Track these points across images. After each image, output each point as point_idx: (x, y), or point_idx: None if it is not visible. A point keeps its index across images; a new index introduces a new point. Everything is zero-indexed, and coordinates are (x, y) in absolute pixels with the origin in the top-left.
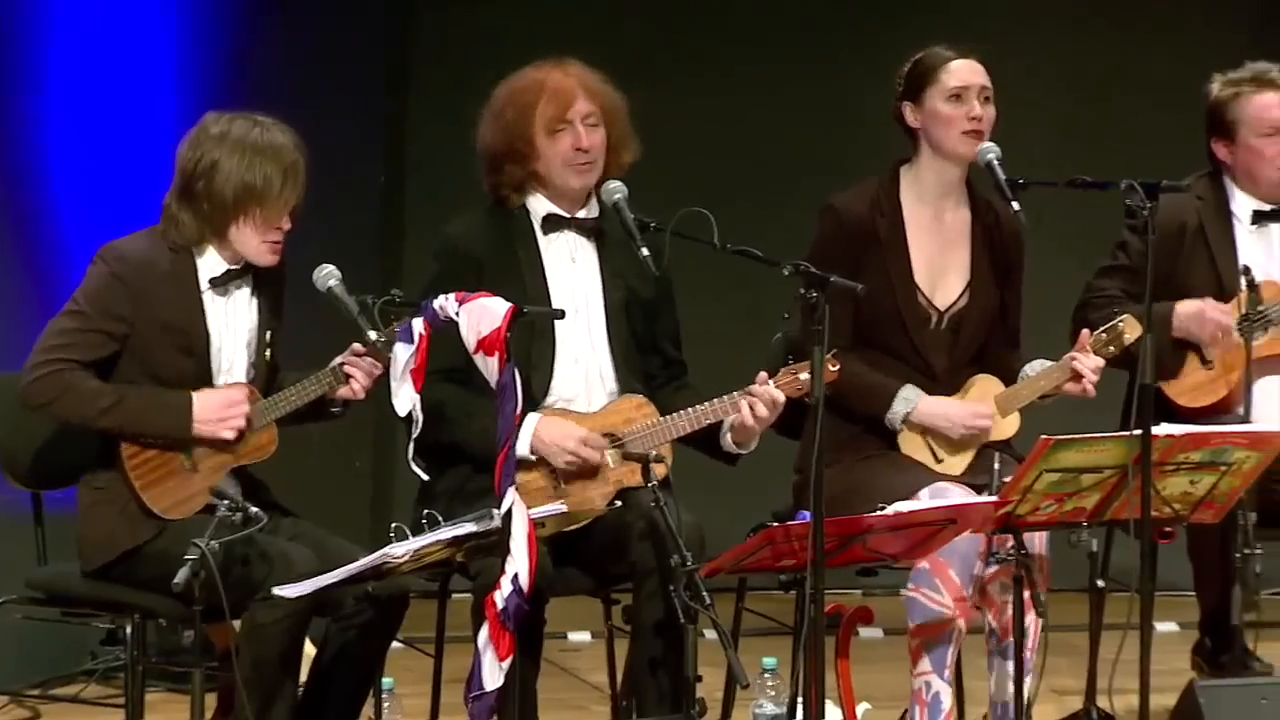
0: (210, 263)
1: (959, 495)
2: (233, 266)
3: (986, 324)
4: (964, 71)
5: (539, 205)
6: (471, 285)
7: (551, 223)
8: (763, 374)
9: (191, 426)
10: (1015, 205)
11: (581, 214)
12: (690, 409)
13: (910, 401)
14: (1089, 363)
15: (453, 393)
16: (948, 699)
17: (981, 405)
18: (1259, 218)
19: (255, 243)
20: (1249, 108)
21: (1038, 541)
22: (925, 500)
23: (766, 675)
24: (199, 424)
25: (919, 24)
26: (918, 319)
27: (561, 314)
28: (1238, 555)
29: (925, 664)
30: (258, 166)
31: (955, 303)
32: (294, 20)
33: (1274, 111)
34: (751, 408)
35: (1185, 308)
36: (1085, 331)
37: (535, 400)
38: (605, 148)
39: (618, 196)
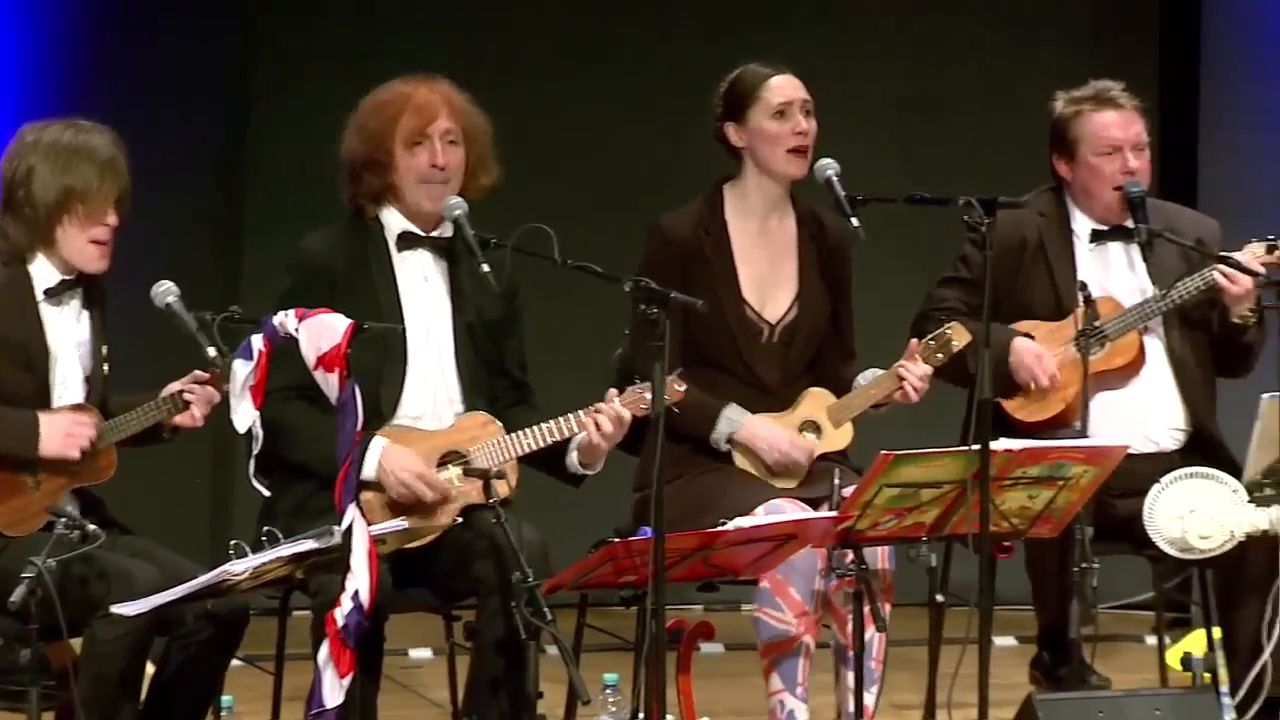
0: (43, 272)
1: (794, 512)
2: (66, 276)
3: (818, 335)
4: (786, 87)
5: (394, 221)
6: (324, 300)
7: (406, 240)
8: (611, 391)
9: (38, 446)
10: (855, 221)
11: (435, 233)
12: (535, 426)
13: (734, 422)
14: (915, 370)
15: (300, 410)
16: (803, 715)
17: (807, 441)
18: (1097, 236)
19: (81, 243)
20: (1089, 126)
21: (881, 555)
22: (762, 516)
23: (608, 691)
24: (45, 443)
25: (743, 45)
26: (749, 334)
27: (400, 330)
28: (1075, 569)
29: (776, 682)
30: (74, 167)
31: (785, 315)
32: (134, 35)
33: (1112, 131)
34: (598, 425)
35: (1019, 350)
36: (914, 340)
37: (384, 417)
38: (463, 169)
39: (458, 213)
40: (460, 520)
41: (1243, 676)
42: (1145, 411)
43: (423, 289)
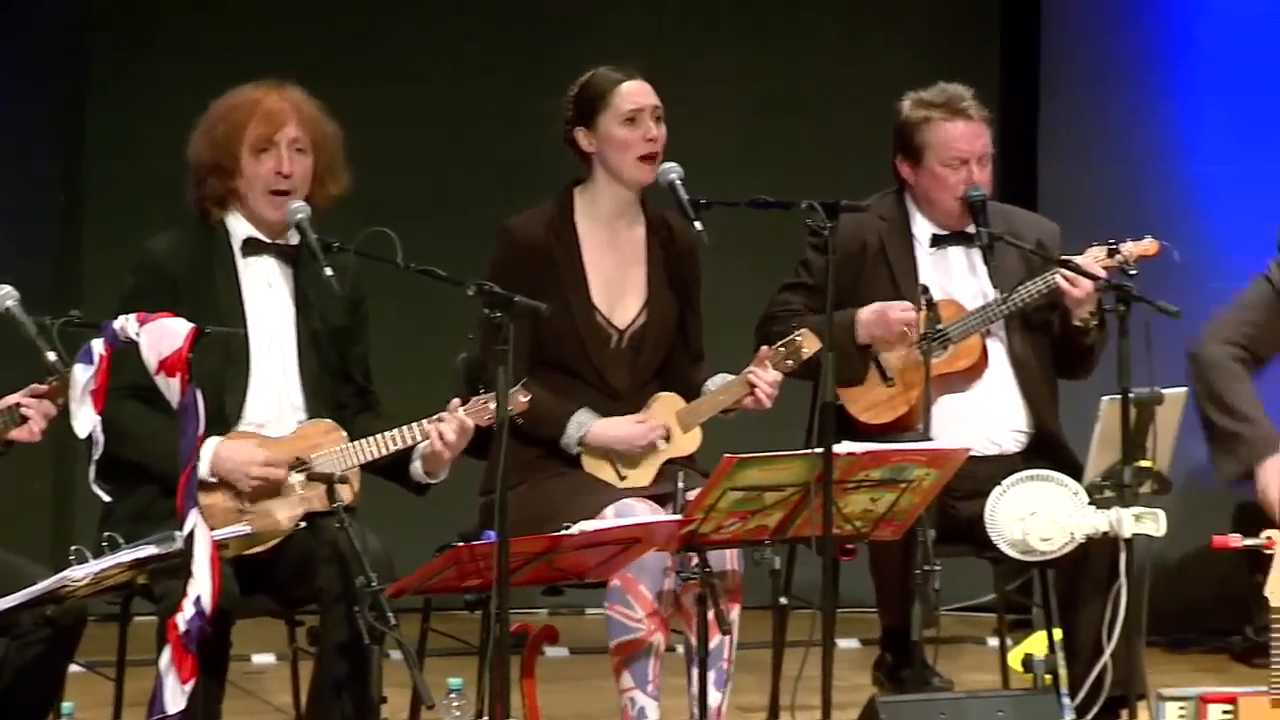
0: None
1: (645, 512)
2: None
3: (666, 340)
4: (637, 93)
5: (239, 226)
6: (166, 303)
7: (251, 246)
8: (455, 400)
9: None
10: (698, 225)
11: (281, 240)
12: (379, 435)
13: (584, 426)
14: (766, 376)
15: (137, 410)
16: (654, 713)
17: (654, 419)
18: (937, 241)
19: None
20: (937, 135)
21: (729, 557)
22: (610, 518)
23: (452, 695)
24: None
25: (592, 46)
26: (598, 339)
27: (240, 333)
28: (918, 572)
29: (628, 680)
30: None
31: (634, 321)
32: None
33: (960, 144)
34: (441, 434)
35: (867, 313)
36: (765, 347)
37: (228, 422)
38: (310, 177)
39: (300, 216)
40: (304, 526)
41: (1083, 677)
42: (988, 414)
43: (267, 295)
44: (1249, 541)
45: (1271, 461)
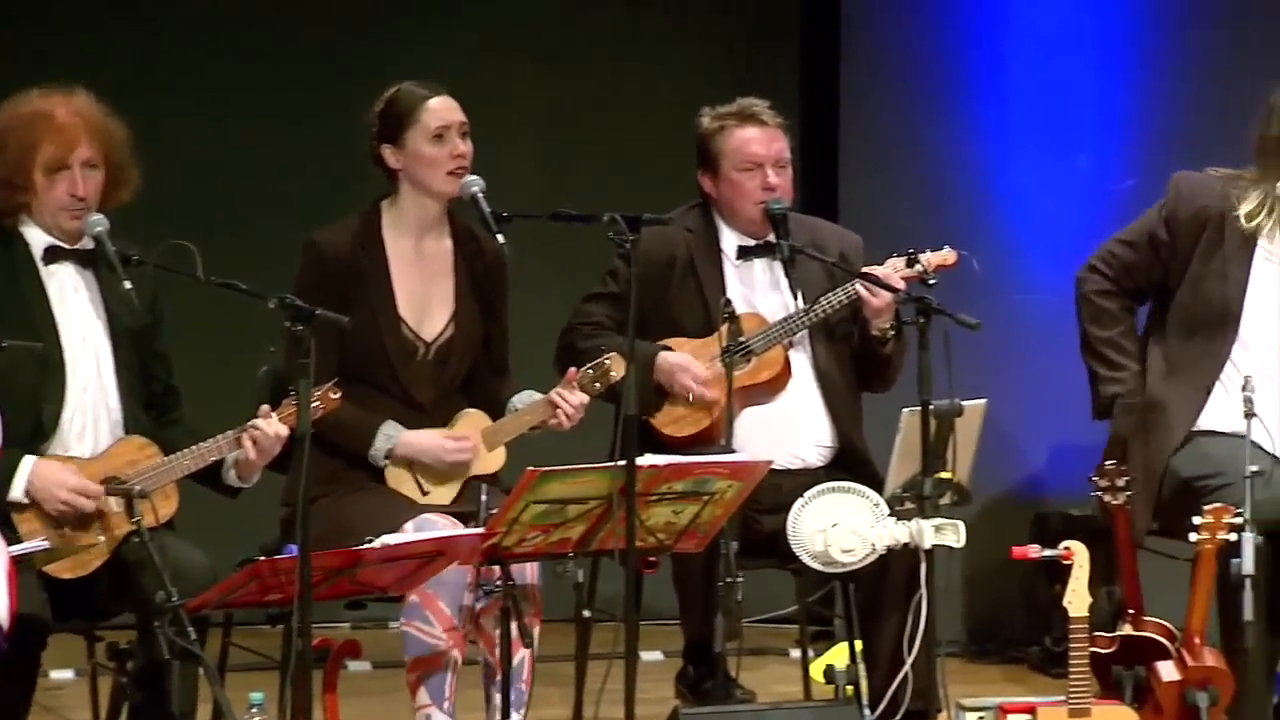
0: None
1: (445, 526)
2: None
3: (472, 353)
4: (443, 110)
5: (37, 236)
6: None
7: (51, 254)
8: (265, 408)
9: None
10: (500, 238)
11: (80, 245)
12: (193, 448)
13: (391, 438)
14: (572, 399)
15: None
16: None
17: (463, 434)
18: (743, 253)
19: None
20: (731, 141)
21: (529, 572)
22: (411, 533)
23: (254, 710)
24: None
25: (395, 60)
26: (404, 352)
27: (40, 348)
28: (720, 584)
29: (424, 696)
30: None
31: (441, 334)
32: None
33: (754, 147)
34: (255, 442)
35: (665, 363)
36: (572, 370)
37: (46, 434)
38: (101, 189)
39: (99, 229)
40: (136, 541)
41: (884, 689)
42: (791, 426)
43: (74, 300)
44: (1047, 552)
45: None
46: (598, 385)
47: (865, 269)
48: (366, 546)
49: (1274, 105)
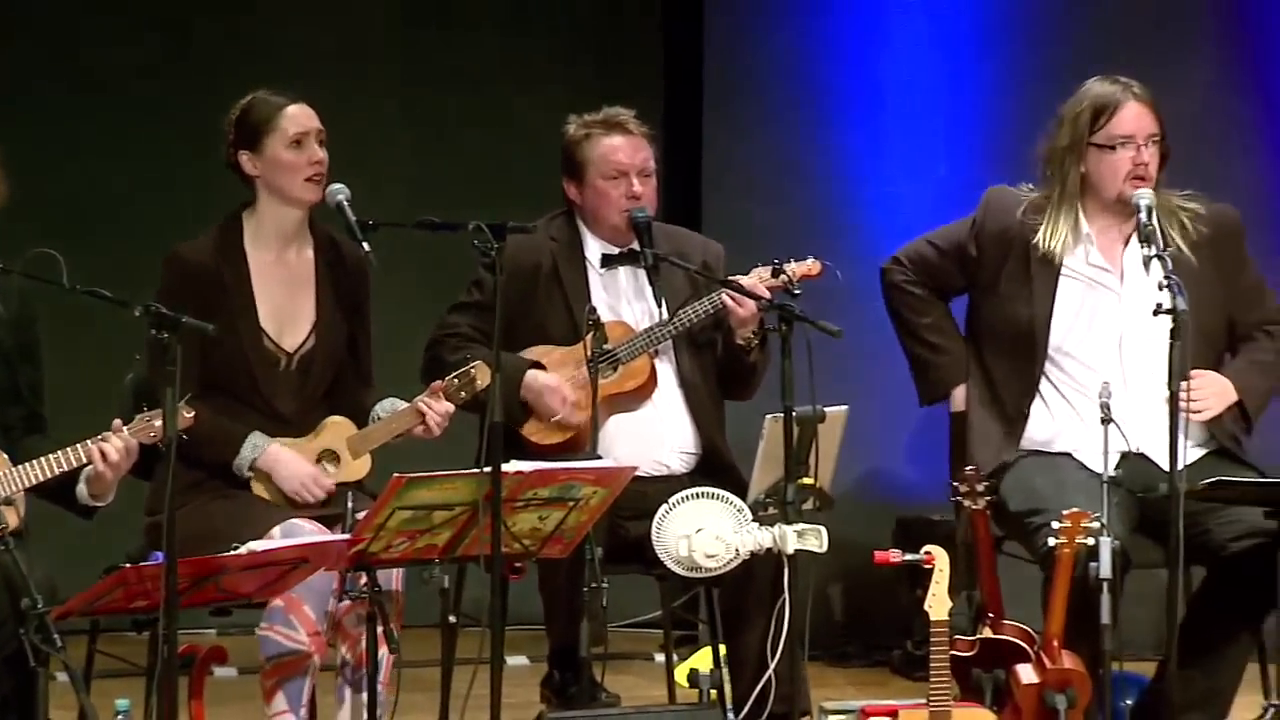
0: None
1: (311, 532)
2: None
3: (335, 363)
4: (301, 117)
5: None
6: None
7: None
8: (117, 421)
9: None
10: (366, 246)
11: None
12: (43, 458)
13: (258, 448)
14: (439, 408)
15: None
16: None
17: (326, 480)
18: (607, 261)
19: None
20: (597, 149)
21: (394, 578)
22: (278, 538)
23: (120, 717)
24: None
25: (262, 70)
26: (266, 363)
27: None
28: (586, 589)
29: (280, 702)
30: None
31: (303, 344)
32: None
33: (619, 155)
34: (104, 454)
35: (533, 382)
36: (438, 381)
37: None
38: None
39: None
40: None
41: (748, 692)
42: (656, 433)
43: None
44: (909, 557)
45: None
46: (463, 394)
47: (732, 278)
48: (232, 554)
49: (1063, 115)
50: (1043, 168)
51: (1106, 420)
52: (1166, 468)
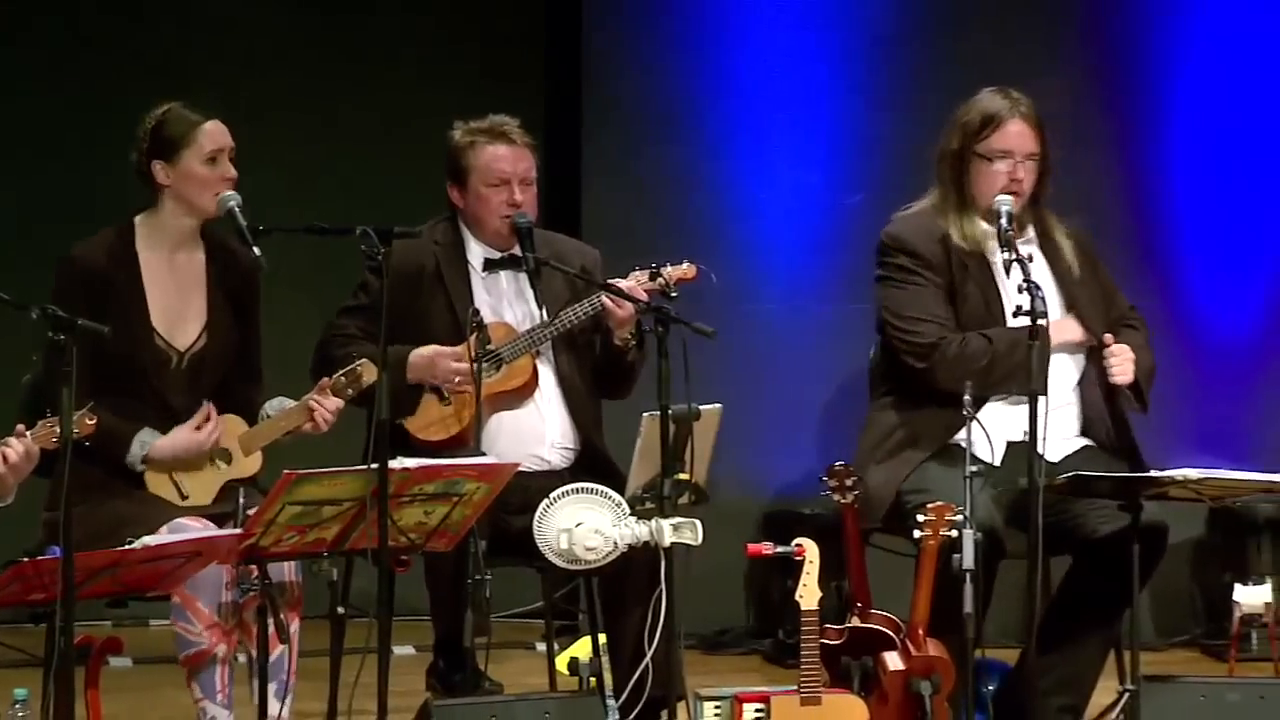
0: None
1: (199, 529)
2: None
3: (226, 362)
4: (217, 135)
5: None
6: None
7: None
8: (20, 426)
9: None
10: (256, 250)
11: None
12: None
13: (146, 444)
14: (328, 404)
15: None
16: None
17: (201, 415)
18: (490, 265)
19: None
20: (481, 157)
21: (287, 570)
22: (166, 535)
23: (17, 706)
24: None
25: (164, 77)
26: (158, 362)
27: None
28: (470, 581)
29: (198, 691)
30: None
31: (194, 344)
32: None
33: (502, 164)
34: (5, 458)
35: (418, 358)
36: (326, 379)
37: None
38: None
39: None
40: None
41: (626, 679)
42: (537, 431)
43: None
44: (780, 549)
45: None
46: (350, 390)
47: (610, 281)
48: (128, 547)
49: (955, 119)
50: (936, 168)
51: (970, 417)
52: (1050, 458)
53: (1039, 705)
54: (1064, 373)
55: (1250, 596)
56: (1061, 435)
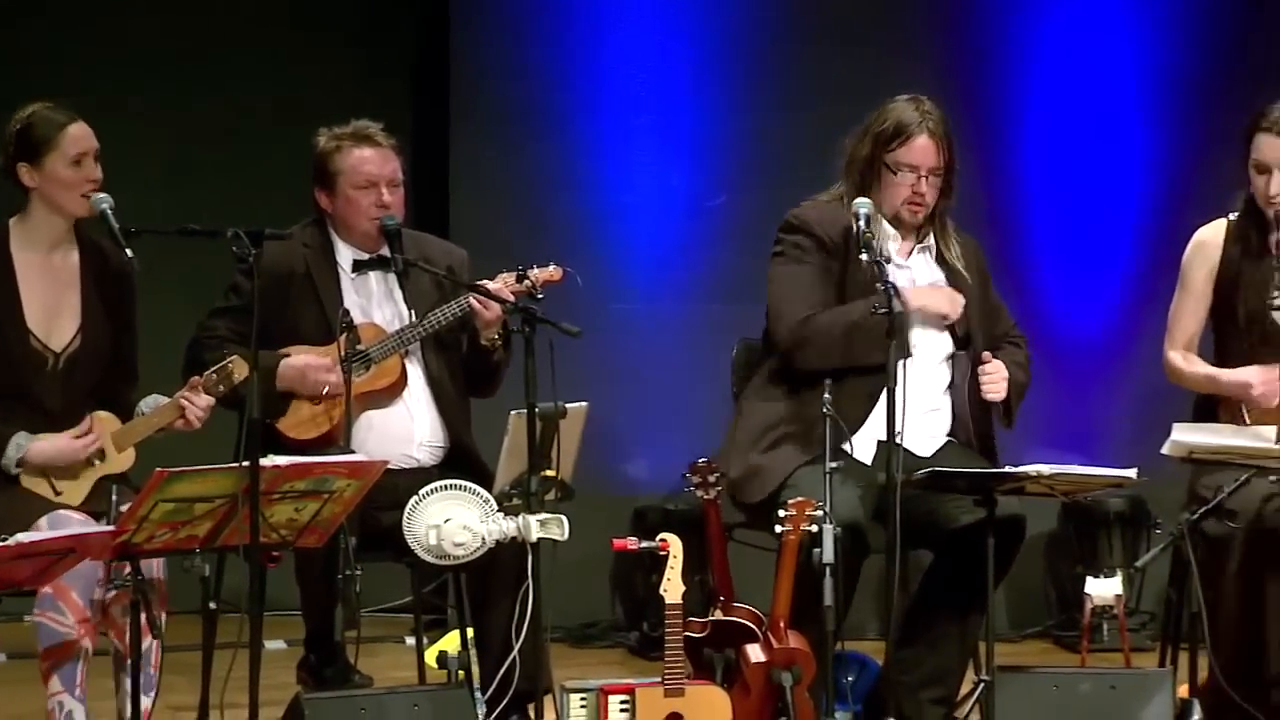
0: None
1: (78, 524)
2: None
3: (101, 361)
4: (82, 138)
5: None
6: None
7: None
8: None
9: None
10: (129, 252)
11: None
12: None
13: (21, 447)
14: (199, 401)
15: None
16: (81, 715)
17: (84, 427)
18: (358, 266)
19: None
20: (347, 161)
21: (156, 567)
22: (45, 529)
23: None
24: None
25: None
26: (33, 363)
27: None
28: (340, 576)
29: (56, 684)
30: None
31: (69, 344)
32: None
33: (368, 166)
34: None
35: (288, 368)
36: (197, 377)
37: None
38: None
39: None
40: None
41: (494, 672)
42: (406, 429)
43: None
44: (645, 544)
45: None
46: (221, 387)
47: (478, 282)
48: (1, 544)
49: (869, 125)
50: (845, 168)
51: (828, 415)
52: (919, 454)
53: (910, 698)
54: (935, 378)
55: (1101, 589)
56: (930, 435)
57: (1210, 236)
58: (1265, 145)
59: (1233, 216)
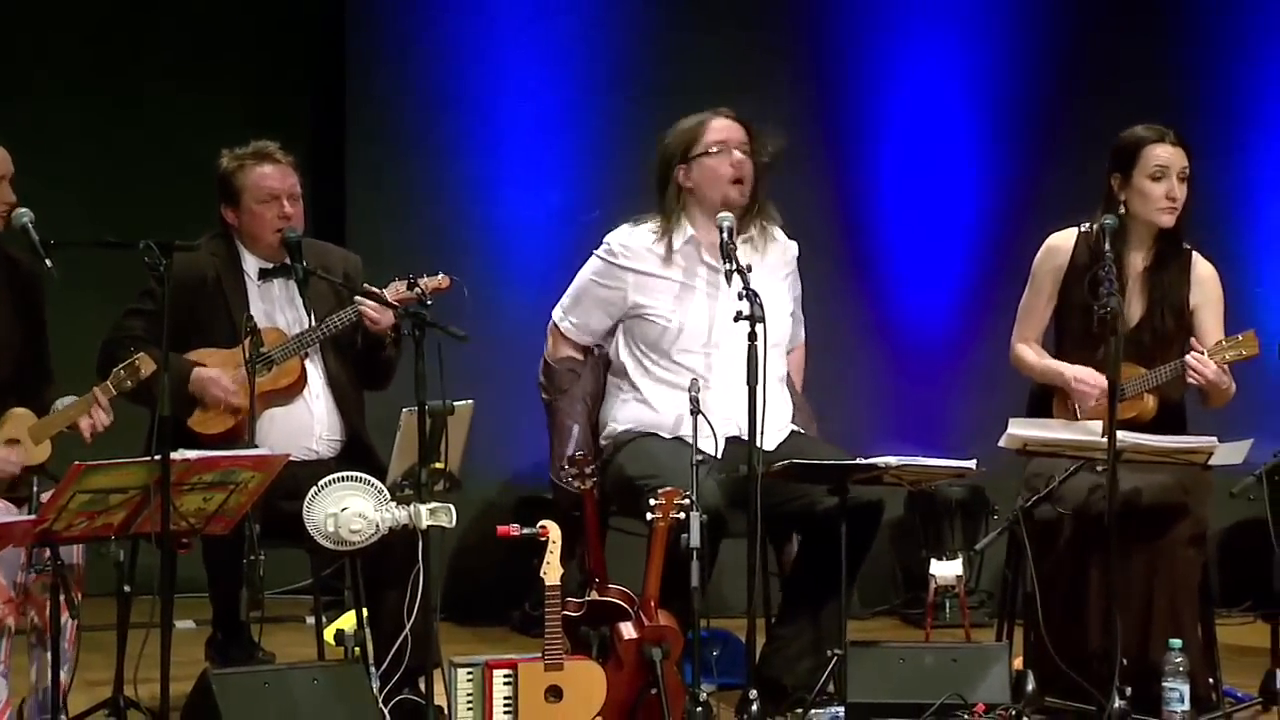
0: None
1: (1, 513)
2: None
3: (12, 362)
4: (3, 162)
5: None
6: None
7: None
8: None
9: None
10: (49, 263)
11: None
12: None
13: None
14: (103, 402)
15: None
16: (3, 691)
17: (13, 443)
18: (264, 274)
19: None
20: (250, 177)
21: (75, 552)
22: None
23: None
24: None
25: None
26: None
27: None
28: (245, 561)
29: None
30: None
31: None
32: None
33: (270, 182)
34: None
35: (195, 379)
36: (108, 382)
37: None
38: None
39: None
40: None
41: (387, 649)
42: (307, 424)
43: None
44: (527, 530)
45: None
46: (129, 382)
47: (370, 288)
48: None
49: (663, 137)
50: (654, 184)
51: (695, 411)
52: (766, 447)
53: (788, 670)
54: (773, 368)
55: (944, 570)
56: (774, 426)
57: (1061, 242)
58: (1161, 153)
59: (1084, 227)
